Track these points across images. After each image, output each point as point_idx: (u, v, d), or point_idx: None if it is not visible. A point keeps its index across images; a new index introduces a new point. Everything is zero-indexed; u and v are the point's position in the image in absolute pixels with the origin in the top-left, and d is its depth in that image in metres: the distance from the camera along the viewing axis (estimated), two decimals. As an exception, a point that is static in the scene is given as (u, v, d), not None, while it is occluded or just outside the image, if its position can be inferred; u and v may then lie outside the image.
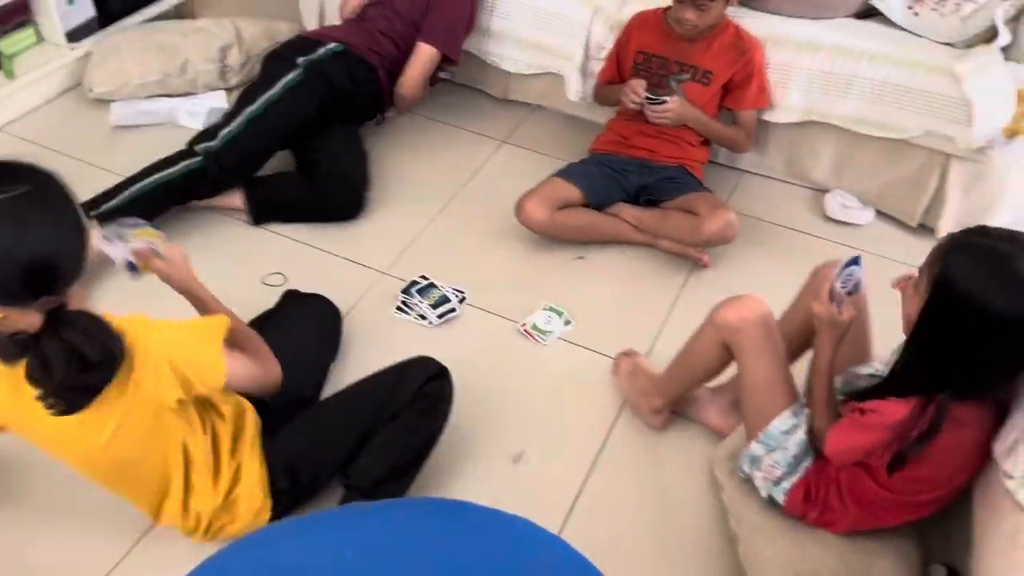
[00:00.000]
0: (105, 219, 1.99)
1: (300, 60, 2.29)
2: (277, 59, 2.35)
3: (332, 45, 2.36)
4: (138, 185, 2.12)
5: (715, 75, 2.24)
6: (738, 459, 1.59)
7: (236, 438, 1.47)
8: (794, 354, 1.65)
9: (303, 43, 2.39)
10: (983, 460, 1.34)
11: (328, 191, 2.28)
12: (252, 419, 1.51)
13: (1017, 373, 1.31)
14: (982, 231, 1.30)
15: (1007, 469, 1.29)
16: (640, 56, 2.29)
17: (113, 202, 2.09)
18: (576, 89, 2.51)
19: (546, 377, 1.94)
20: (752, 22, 2.28)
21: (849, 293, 1.45)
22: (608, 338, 2.01)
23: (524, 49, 2.58)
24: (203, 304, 1.46)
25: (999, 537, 1.27)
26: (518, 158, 2.58)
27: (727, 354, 1.61)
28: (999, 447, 1.32)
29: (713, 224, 2.07)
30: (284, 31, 2.80)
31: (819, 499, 1.47)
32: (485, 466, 1.75)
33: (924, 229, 2.36)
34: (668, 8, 2.23)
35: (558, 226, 2.21)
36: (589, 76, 2.50)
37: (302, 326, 1.84)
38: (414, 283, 2.11)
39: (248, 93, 2.27)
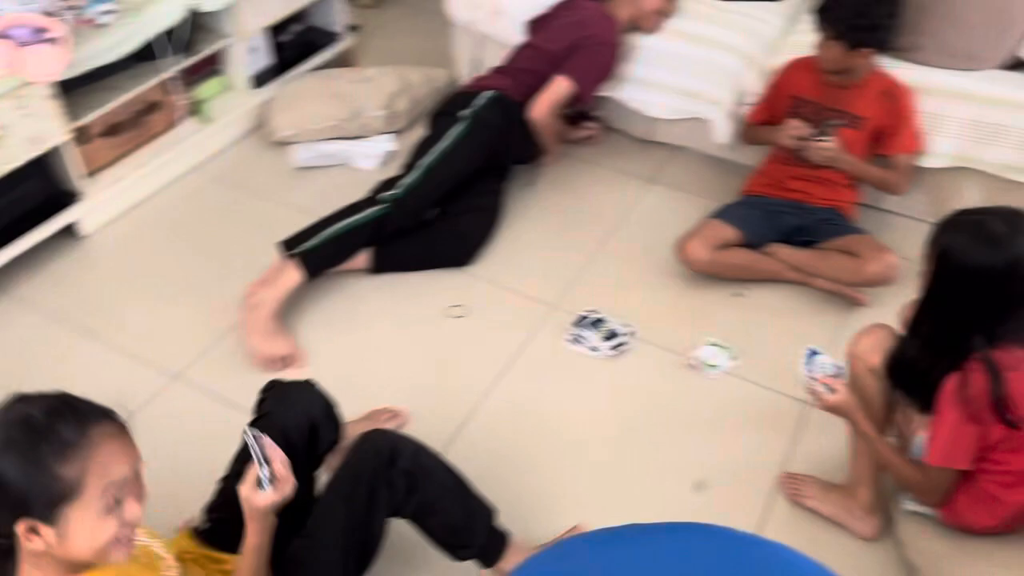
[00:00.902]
0: (306, 258, 2.26)
1: (463, 113, 2.50)
2: (442, 115, 2.57)
3: (488, 93, 2.56)
4: (332, 228, 2.32)
5: (866, 121, 2.35)
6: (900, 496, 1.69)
7: None
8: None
9: (461, 97, 2.59)
10: None
11: (446, 243, 2.46)
12: None
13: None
14: (964, 210, 1.51)
15: None
16: (793, 100, 2.41)
17: (312, 242, 2.30)
18: (724, 132, 2.65)
19: (717, 409, 2.07)
20: (902, 72, 2.38)
21: (833, 377, 1.65)
22: (772, 373, 2.14)
23: (670, 94, 2.72)
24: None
25: None
26: (667, 198, 2.74)
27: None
28: None
29: (876, 265, 2.19)
30: (443, 77, 3.04)
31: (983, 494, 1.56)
32: (664, 494, 1.89)
33: (1073, 272, 2.42)
34: None
35: (718, 265, 2.35)
36: (738, 120, 2.63)
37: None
38: (585, 316, 2.28)
39: (422, 148, 2.49)
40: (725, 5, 2.71)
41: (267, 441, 1.34)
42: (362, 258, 2.39)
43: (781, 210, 2.42)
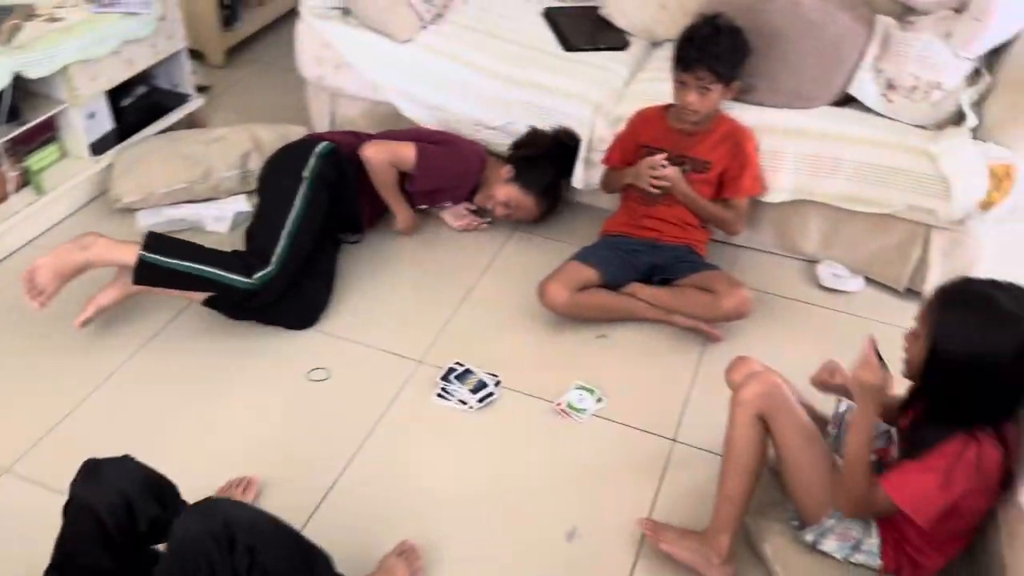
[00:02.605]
0: (145, 268, 2.17)
1: (304, 174, 2.41)
2: (281, 171, 2.47)
3: (323, 146, 2.50)
4: (192, 265, 2.19)
5: (712, 164, 2.44)
6: (798, 531, 1.70)
7: None
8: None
9: (297, 150, 2.52)
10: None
11: (290, 306, 2.35)
12: None
13: None
14: (965, 283, 1.50)
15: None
16: (643, 150, 2.49)
17: (166, 260, 2.18)
18: (580, 178, 2.70)
19: (587, 453, 2.06)
20: (743, 113, 2.49)
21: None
22: (639, 413, 2.15)
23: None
24: None
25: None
26: (528, 245, 2.75)
27: (765, 430, 1.69)
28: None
29: (730, 301, 2.25)
30: (298, 134, 2.94)
31: (905, 555, 1.59)
32: (538, 545, 1.85)
33: (911, 293, 2.56)
34: (669, 106, 2.46)
35: (579, 306, 2.36)
36: (591, 166, 2.69)
37: None
38: (451, 370, 2.23)
39: (271, 209, 2.39)
40: (571, 56, 2.78)
41: None
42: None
43: (637, 249, 2.47)
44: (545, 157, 2.70)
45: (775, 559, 1.72)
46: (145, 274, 2.19)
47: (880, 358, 1.55)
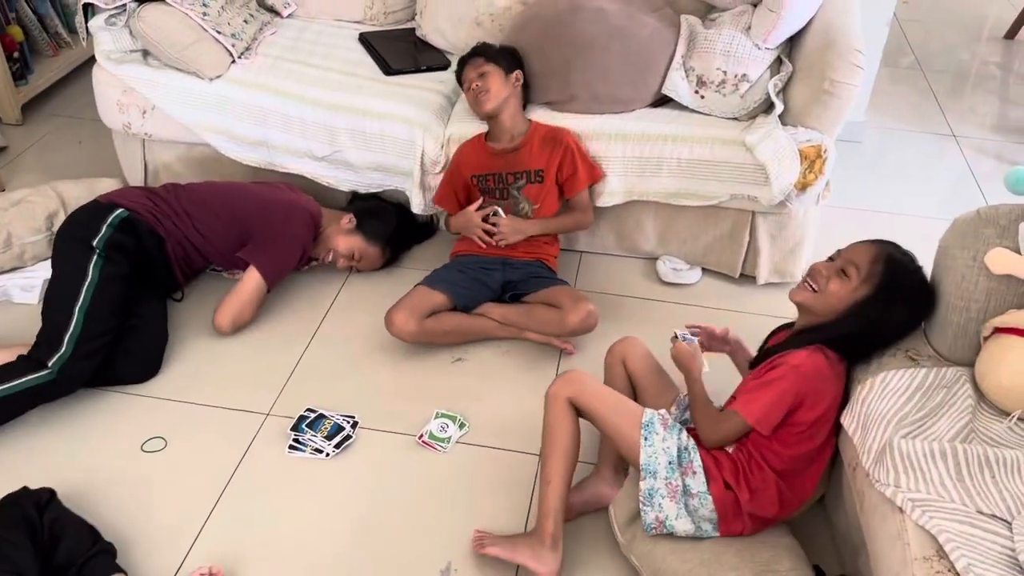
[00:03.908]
0: None
1: (94, 243, 2.22)
2: (72, 240, 2.26)
3: (117, 214, 2.30)
4: None
5: (545, 171, 2.45)
6: (639, 519, 1.73)
7: None
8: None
9: (89, 216, 2.31)
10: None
11: (123, 362, 2.21)
12: None
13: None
14: (898, 249, 1.76)
15: (879, 477, 1.51)
16: (475, 180, 2.50)
17: None
18: (419, 203, 2.65)
19: (455, 483, 2.00)
20: (566, 122, 2.52)
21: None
22: (504, 433, 2.12)
23: (362, 172, 2.69)
24: None
25: (885, 539, 1.48)
26: (372, 276, 2.66)
27: (577, 415, 1.81)
28: (866, 459, 1.55)
29: (575, 316, 2.25)
30: (112, 187, 2.74)
31: (742, 483, 1.68)
32: (417, 584, 1.78)
33: (746, 278, 2.67)
34: (485, 133, 2.51)
35: (428, 333, 2.30)
36: (429, 190, 2.64)
37: None
38: (303, 417, 2.12)
39: (61, 284, 2.19)
40: (392, 79, 2.73)
41: None
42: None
43: (489, 267, 2.45)
44: (384, 206, 2.66)
45: (642, 564, 1.75)
46: None
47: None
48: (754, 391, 1.70)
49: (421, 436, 2.10)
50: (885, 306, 1.70)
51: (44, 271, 2.51)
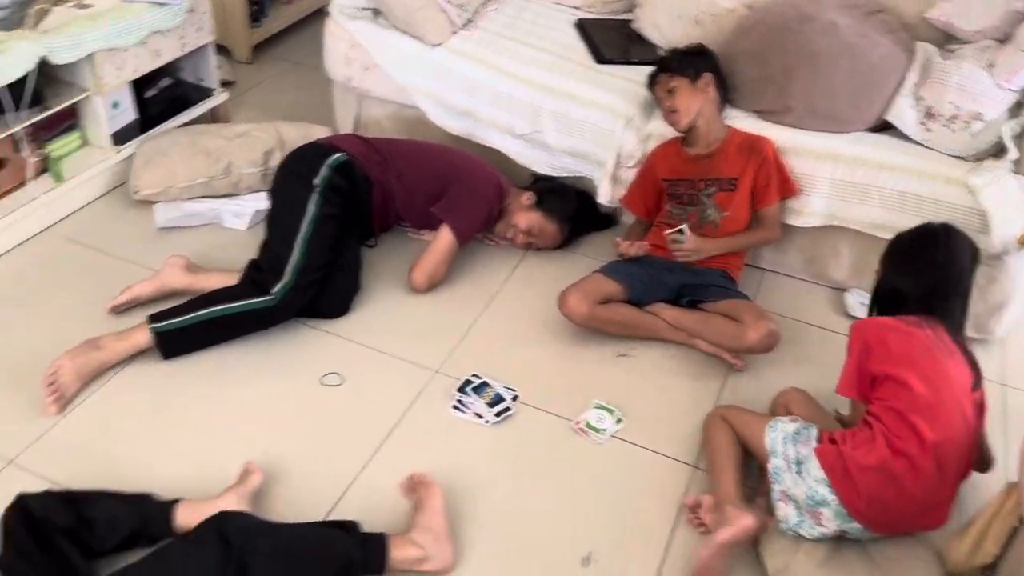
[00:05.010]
0: (165, 338, 2.14)
1: (315, 182, 2.34)
2: (292, 176, 2.40)
3: (336, 157, 2.40)
4: (206, 311, 2.16)
5: (739, 180, 2.40)
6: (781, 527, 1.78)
7: None
8: None
9: (310, 155, 2.44)
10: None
11: (324, 298, 2.33)
12: None
13: None
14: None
15: None
16: (666, 184, 2.48)
17: (178, 320, 2.15)
18: (606, 193, 2.65)
19: (605, 475, 2.00)
20: (777, 133, 2.44)
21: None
22: (659, 437, 2.10)
23: (557, 155, 2.72)
24: None
25: None
26: (550, 257, 2.70)
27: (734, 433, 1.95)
28: None
29: (756, 333, 2.18)
30: (322, 134, 2.90)
31: (847, 437, 1.75)
32: (552, 569, 1.79)
33: (940, 326, 2.50)
34: (679, 137, 2.47)
35: (598, 319, 2.30)
36: (618, 183, 2.64)
37: None
38: (468, 382, 2.18)
39: (282, 217, 2.33)
40: (602, 68, 2.74)
41: None
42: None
43: (669, 268, 2.42)
44: (566, 187, 2.69)
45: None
46: (169, 344, 2.14)
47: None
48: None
49: (578, 423, 2.11)
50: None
51: (255, 202, 2.71)
